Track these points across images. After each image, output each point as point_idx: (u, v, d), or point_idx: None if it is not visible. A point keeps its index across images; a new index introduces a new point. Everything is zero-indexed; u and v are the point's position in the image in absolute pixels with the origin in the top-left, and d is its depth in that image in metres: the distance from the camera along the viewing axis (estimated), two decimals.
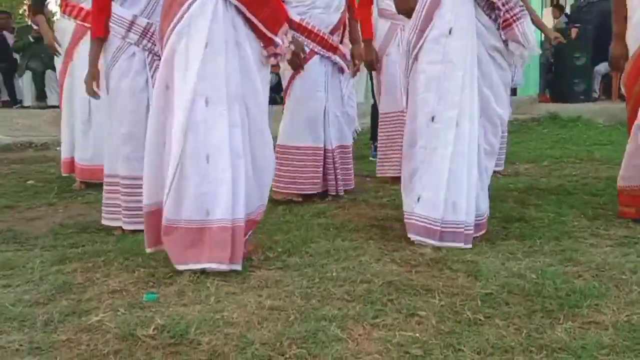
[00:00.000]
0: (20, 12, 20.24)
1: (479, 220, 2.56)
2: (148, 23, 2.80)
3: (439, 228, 2.45)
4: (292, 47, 2.37)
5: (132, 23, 2.81)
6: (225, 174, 2.12)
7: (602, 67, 9.15)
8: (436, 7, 2.45)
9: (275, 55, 2.27)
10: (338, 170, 3.49)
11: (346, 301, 1.88)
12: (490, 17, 2.48)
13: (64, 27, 4.25)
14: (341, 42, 3.47)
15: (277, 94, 9.08)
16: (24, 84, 8.33)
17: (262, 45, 2.26)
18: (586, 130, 7.32)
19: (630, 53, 2.81)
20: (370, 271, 2.16)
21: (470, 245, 2.46)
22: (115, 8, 2.87)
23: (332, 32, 3.38)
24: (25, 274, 2.22)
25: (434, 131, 2.47)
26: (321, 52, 3.35)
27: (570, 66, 8.96)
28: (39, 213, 3.50)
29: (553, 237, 2.62)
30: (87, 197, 3.91)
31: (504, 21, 2.45)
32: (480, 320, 1.74)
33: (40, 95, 8.31)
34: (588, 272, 2.14)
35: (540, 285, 1.98)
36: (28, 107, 8.20)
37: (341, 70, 3.49)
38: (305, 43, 3.24)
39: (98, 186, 4.22)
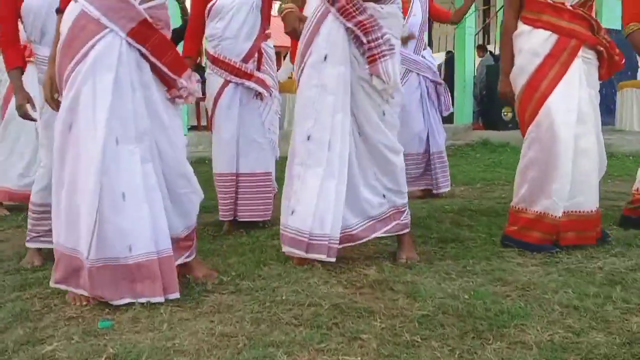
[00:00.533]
0: None
1: (345, 231, 2.48)
2: None
3: (306, 240, 2.38)
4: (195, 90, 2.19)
5: None
6: (142, 209, 1.99)
7: None
8: (315, 35, 2.41)
9: (179, 97, 2.13)
10: (240, 196, 3.26)
11: (294, 326, 1.80)
12: (359, 51, 2.42)
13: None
14: (259, 69, 3.29)
15: None
16: None
17: (165, 88, 2.13)
18: (514, 154, 7.43)
19: (516, 92, 2.78)
20: (317, 294, 2.08)
21: (333, 259, 2.39)
22: (38, 49, 2.75)
23: (244, 60, 3.21)
24: None
25: (309, 150, 2.42)
26: (234, 80, 3.20)
27: (499, 98, 9.16)
28: (7, 235, 3.34)
29: (484, 257, 2.60)
30: None
31: (369, 56, 2.38)
32: (417, 342, 1.69)
33: None
34: (515, 292, 2.12)
35: (472, 306, 1.94)
36: None
37: (259, 97, 3.28)
38: (219, 73, 3.20)
39: None
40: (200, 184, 2.29)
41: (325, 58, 2.38)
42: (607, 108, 7.83)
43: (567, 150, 2.63)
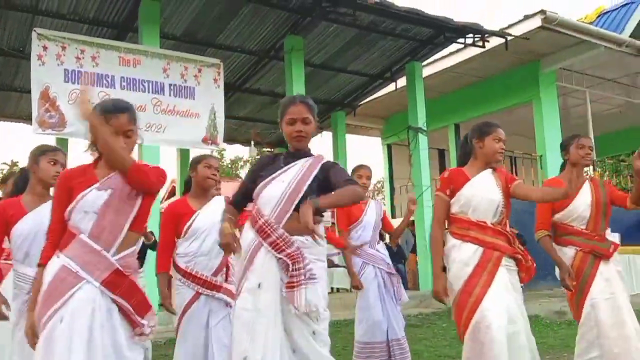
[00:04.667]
0: None
1: None
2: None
3: None
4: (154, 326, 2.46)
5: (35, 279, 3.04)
6: None
7: None
8: (250, 264, 2.65)
9: (142, 334, 2.40)
10: None
11: None
12: (287, 278, 2.61)
13: None
14: (226, 280, 3.59)
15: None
16: None
17: (131, 327, 2.40)
18: None
19: (452, 296, 3.13)
20: None
21: None
22: (19, 267, 3.10)
23: (214, 274, 3.54)
24: None
25: None
26: (205, 292, 3.50)
27: (434, 297, 9.68)
28: None
29: None
30: None
31: (287, 283, 2.58)
32: None
33: None
34: None
35: None
36: None
37: (228, 305, 3.53)
38: (190, 286, 3.49)
39: None
40: None
41: (259, 285, 2.61)
42: None
43: (502, 351, 2.92)
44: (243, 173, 26.24)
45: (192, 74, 8.42)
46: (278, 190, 2.64)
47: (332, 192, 2.57)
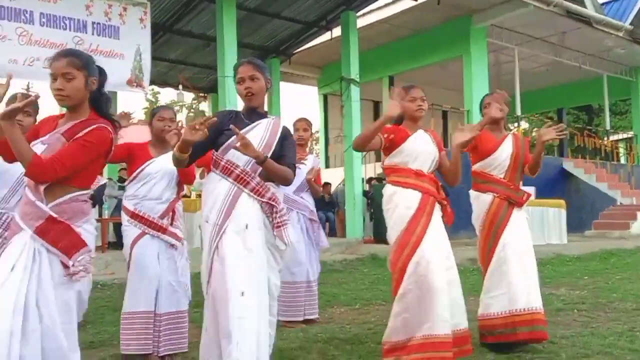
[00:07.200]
0: None
1: None
2: (0, 212, 3.13)
3: None
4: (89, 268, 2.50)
5: None
6: None
7: None
8: (232, 208, 2.84)
9: (72, 274, 2.42)
10: (162, 334, 3.62)
11: None
12: (268, 219, 2.92)
13: None
14: (171, 224, 3.76)
15: None
16: None
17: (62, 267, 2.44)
18: None
19: (393, 236, 3.42)
20: None
21: None
22: None
23: (161, 217, 3.71)
24: None
25: (244, 304, 2.73)
26: (151, 233, 3.66)
27: None
28: None
29: None
30: None
31: (277, 223, 2.89)
32: None
33: None
34: None
35: None
36: None
37: (173, 246, 3.73)
38: (138, 226, 3.65)
39: None
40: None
41: (247, 226, 2.83)
42: None
43: (442, 282, 3.26)
44: (182, 117, 25.71)
45: (116, 13, 8.09)
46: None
47: (279, 165, 2.88)
